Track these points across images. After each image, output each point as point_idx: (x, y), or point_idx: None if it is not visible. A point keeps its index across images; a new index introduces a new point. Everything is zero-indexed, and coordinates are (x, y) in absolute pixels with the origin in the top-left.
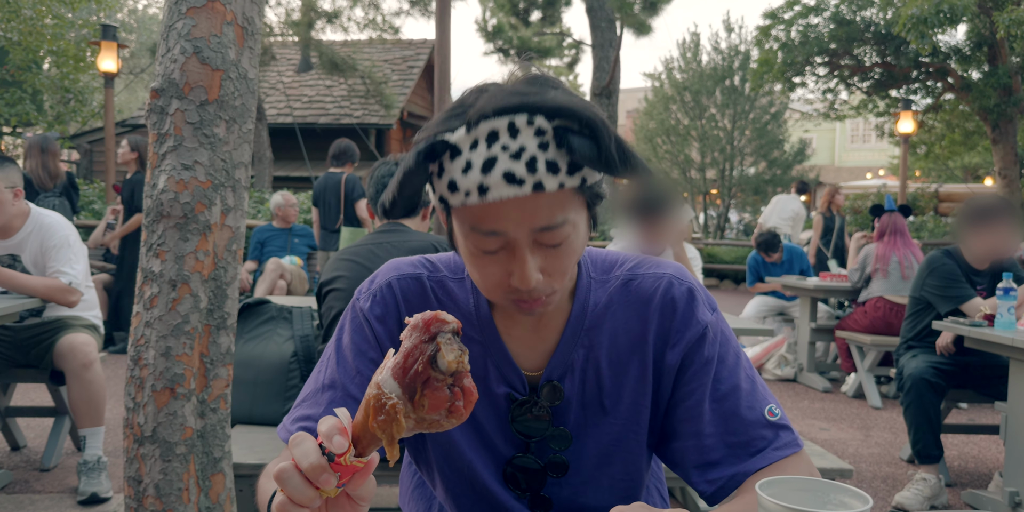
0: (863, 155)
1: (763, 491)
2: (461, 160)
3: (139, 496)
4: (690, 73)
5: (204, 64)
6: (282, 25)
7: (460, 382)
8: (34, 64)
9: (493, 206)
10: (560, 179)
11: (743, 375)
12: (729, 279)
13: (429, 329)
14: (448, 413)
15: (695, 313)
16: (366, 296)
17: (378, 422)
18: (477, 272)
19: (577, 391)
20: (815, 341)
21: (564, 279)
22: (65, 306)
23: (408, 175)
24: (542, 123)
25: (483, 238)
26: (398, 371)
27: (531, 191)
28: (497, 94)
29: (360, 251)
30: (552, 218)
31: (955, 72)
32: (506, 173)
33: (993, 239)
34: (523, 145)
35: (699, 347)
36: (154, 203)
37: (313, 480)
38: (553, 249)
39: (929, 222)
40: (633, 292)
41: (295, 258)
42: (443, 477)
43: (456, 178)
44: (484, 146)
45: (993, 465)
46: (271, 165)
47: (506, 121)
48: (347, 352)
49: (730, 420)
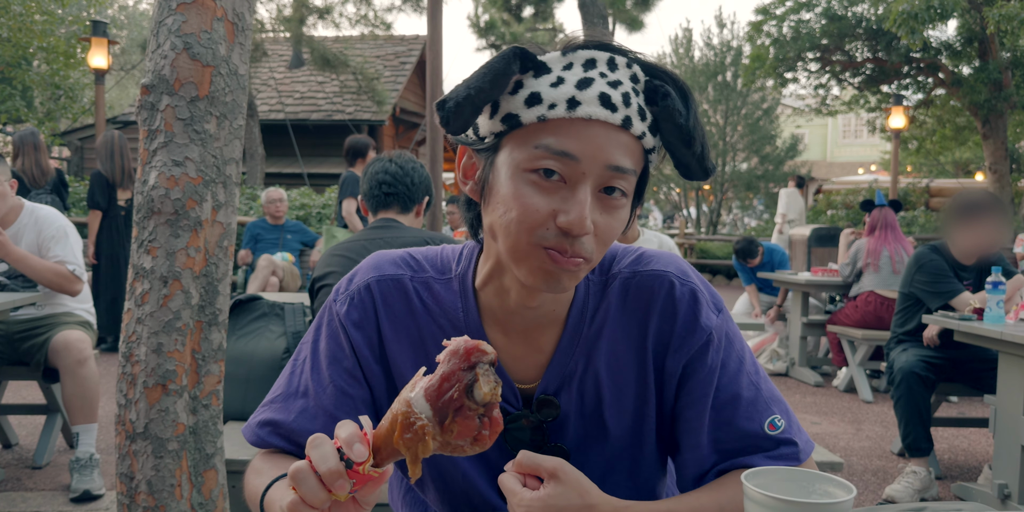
0: (855, 150)
1: (749, 481)
2: (551, 77)
3: (132, 492)
4: (682, 69)
5: (194, 60)
6: (273, 21)
7: (490, 412)
8: (24, 60)
9: (577, 124)
10: (643, 127)
11: (745, 382)
12: (721, 274)
13: (469, 358)
14: (473, 441)
15: (699, 318)
16: (343, 299)
17: (404, 439)
18: (519, 205)
19: (575, 404)
20: (806, 335)
21: (602, 251)
22: (68, 294)
23: (494, 76)
24: (638, 72)
25: (549, 159)
26: (432, 394)
27: (619, 123)
28: (594, 34)
29: (353, 246)
30: (626, 161)
31: (946, 67)
32: (602, 94)
33: (980, 234)
34: (620, 79)
35: (702, 355)
36: (145, 199)
37: (328, 484)
38: (609, 209)
39: (920, 217)
40: (632, 293)
41: (287, 254)
42: (436, 487)
43: (542, 91)
44: (580, 68)
45: (983, 458)
46: (263, 162)
47: (607, 55)
48: (322, 359)
49: (724, 429)
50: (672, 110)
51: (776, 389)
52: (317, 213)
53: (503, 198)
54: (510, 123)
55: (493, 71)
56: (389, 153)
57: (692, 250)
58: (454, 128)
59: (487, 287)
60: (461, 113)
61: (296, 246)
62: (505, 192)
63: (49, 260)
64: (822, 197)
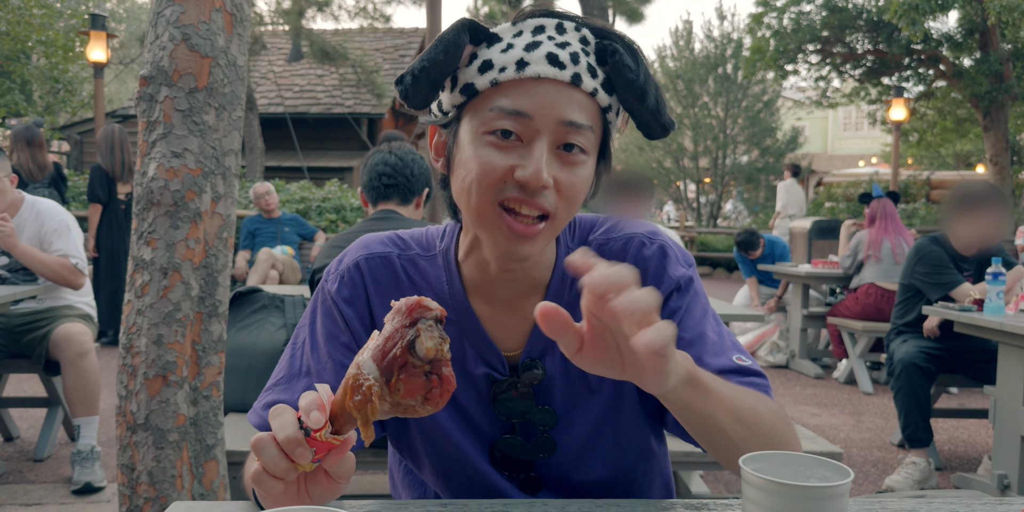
0: (855, 143)
1: (747, 465)
2: (501, 44)
3: (133, 483)
4: (683, 61)
5: (193, 51)
6: (272, 14)
7: (438, 370)
8: (23, 54)
9: (527, 83)
10: (595, 84)
11: (710, 326)
12: (722, 267)
13: (411, 314)
14: (424, 400)
15: (667, 270)
16: (334, 277)
17: (354, 402)
18: (480, 165)
19: (560, 368)
20: (807, 328)
21: (568, 209)
22: (71, 288)
23: (444, 48)
24: (587, 34)
25: (504, 119)
26: (377, 354)
27: (568, 80)
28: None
29: (352, 238)
30: (580, 116)
31: (947, 59)
32: (549, 53)
33: (980, 226)
34: (568, 41)
35: (669, 300)
36: (144, 191)
37: (288, 452)
38: (569, 165)
39: (921, 209)
40: (607, 257)
41: (286, 248)
42: (431, 461)
43: (493, 57)
44: (529, 34)
45: (982, 449)
46: (262, 155)
47: (555, 21)
48: (319, 337)
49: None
50: (622, 66)
51: (740, 343)
52: (317, 206)
53: (464, 162)
54: (467, 92)
55: (444, 42)
56: (389, 145)
57: (692, 243)
58: (415, 102)
59: (468, 260)
60: (419, 86)
61: (294, 239)
62: (467, 156)
63: (51, 254)
64: (823, 189)
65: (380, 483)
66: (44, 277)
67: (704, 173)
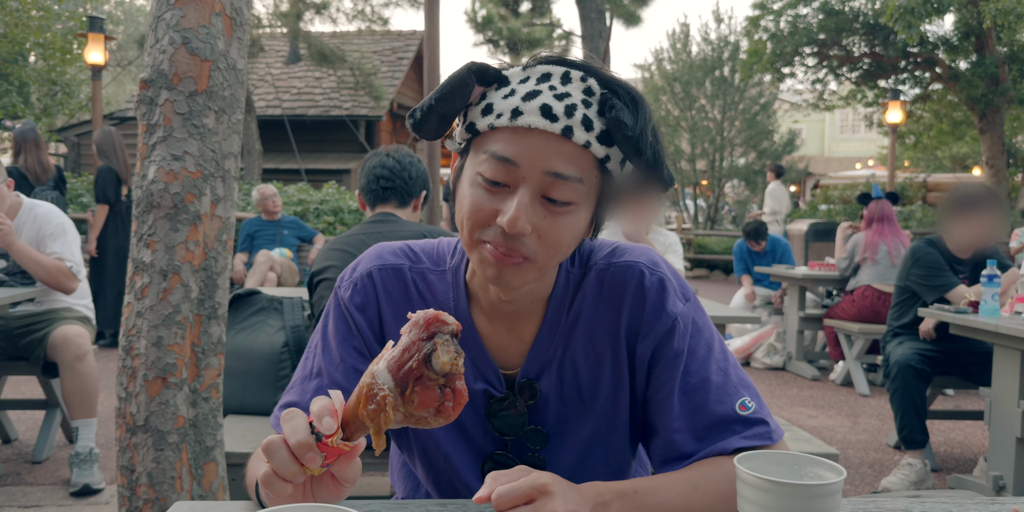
0: (852, 145)
1: (741, 464)
2: (507, 89)
3: (132, 485)
4: (680, 64)
5: (193, 55)
6: (271, 16)
7: (452, 383)
8: (21, 56)
9: (519, 132)
10: (589, 137)
11: (714, 367)
12: (719, 269)
13: (428, 328)
14: (436, 412)
15: (665, 304)
16: (347, 284)
17: (368, 411)
18: (469, 204)
19: (555, 388)
20: (803, 330)
21: (550, 254)
22: (63, 292)
23: (450, 89)
24: (593, 85)
25: (495, 165)
26: (393, 365)
27: (559, 132)
28: (558, 51)
29: (351, 241)
30: (567, 168)
31: (943, 62)
32: (544, 106)
33: (976, 228)
34: (569, 92)
35: (668, 340)
36: (144, 194)
37: (299, 457)
38: (553, 214)
39: (917, 212)
40: (607, 284)
41: (285, 250)
42: (423, 464)
43: (495, 102)
44: (533, 82)
45: (978, 450)
46: (260, 157)
47: (562, 70)
48: (332, 340)
49: (697, 414)
50: (618, 122)
51: (746, 375)
52: (315, 209)
53: (461, 196)
54: (471, 131)
55: (449, 84)
56: (387, 148)
57: (690, 245)
58: (425, 135)
59: (474, 280)
60: (427, 121)
61: (293, 241)
62: (463, 192)
63: (48, 256)
64: (820, 192)
65: (380, 483)
66: (38, 278)
67: (701, 175)
